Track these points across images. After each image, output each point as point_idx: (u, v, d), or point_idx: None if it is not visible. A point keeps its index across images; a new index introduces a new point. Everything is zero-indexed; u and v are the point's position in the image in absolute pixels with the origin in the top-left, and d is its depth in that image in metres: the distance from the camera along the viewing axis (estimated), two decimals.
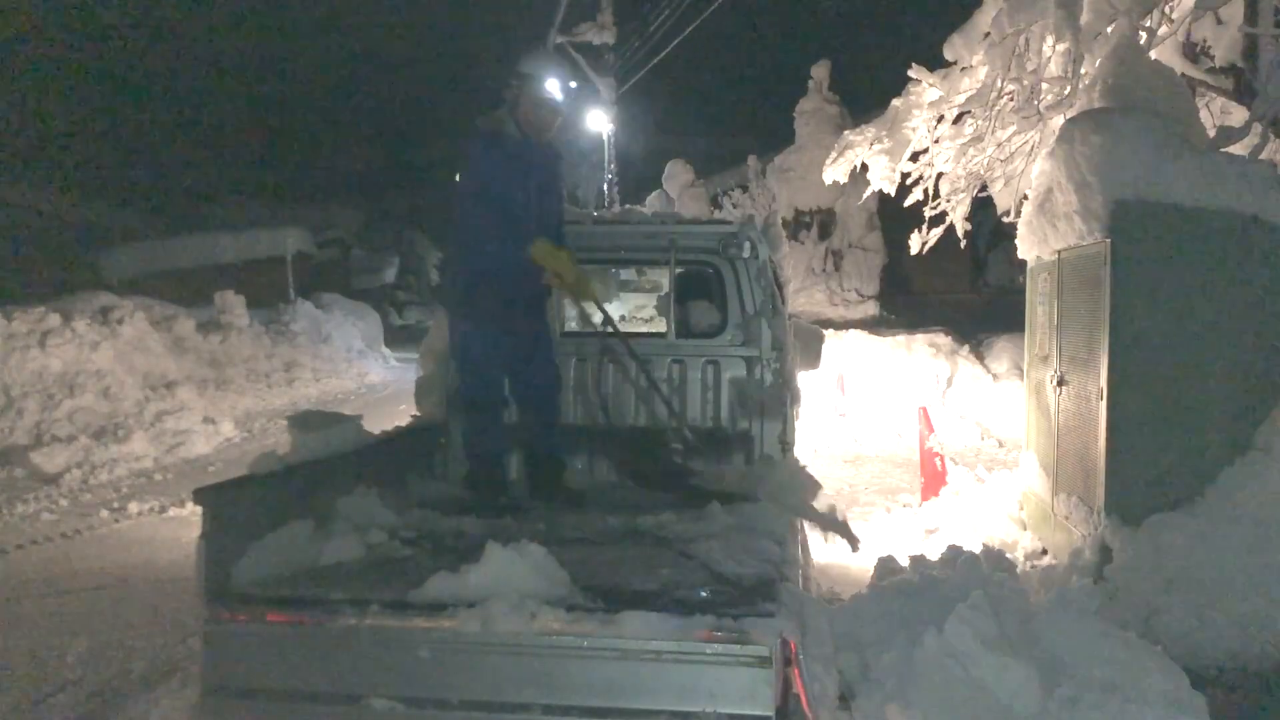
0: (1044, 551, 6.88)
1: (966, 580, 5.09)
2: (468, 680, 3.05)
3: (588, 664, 3.03)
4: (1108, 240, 5.71)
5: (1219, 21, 7.61)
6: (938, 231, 9.46)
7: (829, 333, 11.80)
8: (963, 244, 9.84)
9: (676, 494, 4.81)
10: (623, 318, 7.03)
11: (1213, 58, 7.82)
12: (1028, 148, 8.21)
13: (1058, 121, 7.26)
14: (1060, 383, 6.54)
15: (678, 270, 5.74)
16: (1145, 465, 5.60)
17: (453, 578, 3.26)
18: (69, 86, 38.69)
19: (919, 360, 14.12)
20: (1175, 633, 4.90)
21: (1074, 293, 6.36)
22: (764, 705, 2.93)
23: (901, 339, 14.67)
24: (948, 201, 9.20)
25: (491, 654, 3.04)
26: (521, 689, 3.03)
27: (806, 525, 4.62)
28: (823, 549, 5.13)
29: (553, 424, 5.16)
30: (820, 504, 4.57)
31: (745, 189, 23.89)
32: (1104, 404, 5.68)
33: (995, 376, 14.10)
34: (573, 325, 5.91)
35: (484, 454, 4.95)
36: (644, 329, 7.01)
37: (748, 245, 5.55)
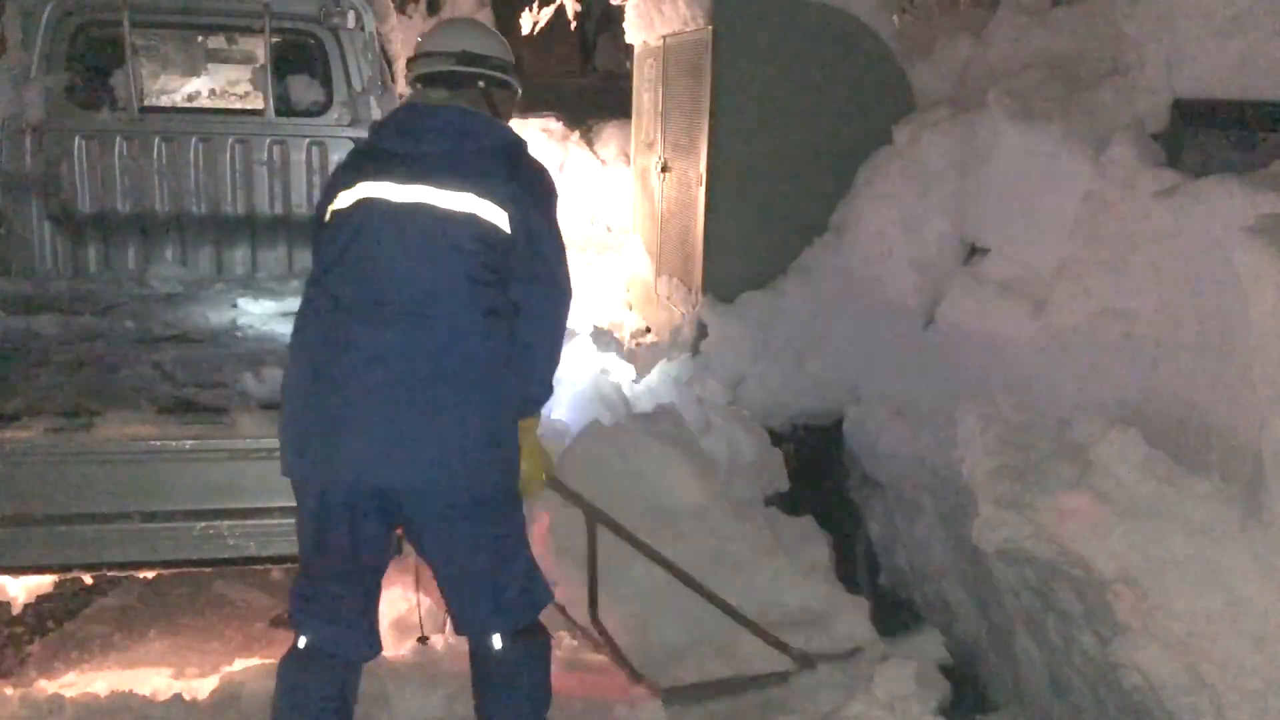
0: (648, 330, 7.31)
1: (577, 357, 5.40)
2: (50, 493, 2.78)
3: (193, 468, 2.86)
4: (710, 28, 5.86)
5: None
6: (548, 12, 9.33)
7: None
8: (573, 25, 9.80)
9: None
10: (213, 92, 6.41)
11: None
12: None
13: None
14: (664, 169, 6.77)
15: (274, 40, 5.24)
16: (738, 247, 5.98)
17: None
18: None
19: (531, 145, 14.08)
20: (758, 398, 5.45)
21: (678, 79, 6.51)
22: None
23: (514, 122, 14.53)
24: None
25: (71, 464, 2.79)
26: (118, 499, 2.81)
27: None
28: None
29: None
30: None
31: None
32: (703, 190, 5.95)
33: (604, 163, 14.41)
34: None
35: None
36: (238, 105, 6.44)
37: (352, 15, 5.15)
